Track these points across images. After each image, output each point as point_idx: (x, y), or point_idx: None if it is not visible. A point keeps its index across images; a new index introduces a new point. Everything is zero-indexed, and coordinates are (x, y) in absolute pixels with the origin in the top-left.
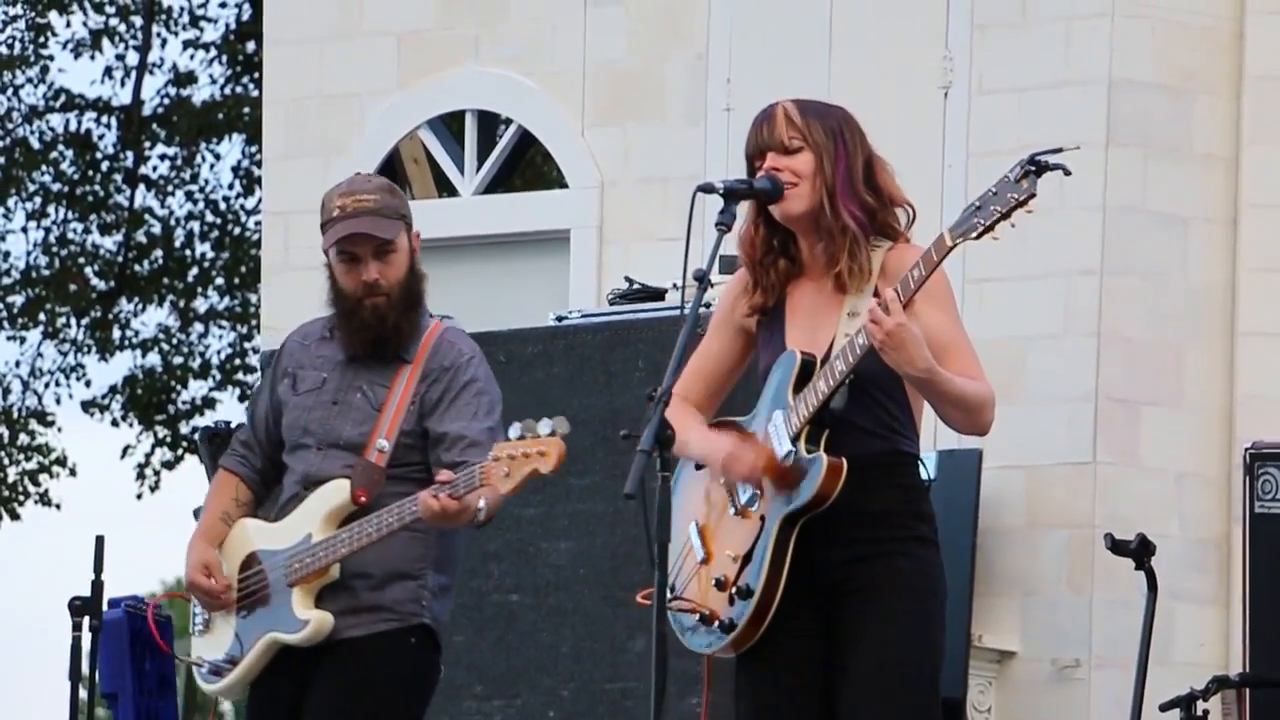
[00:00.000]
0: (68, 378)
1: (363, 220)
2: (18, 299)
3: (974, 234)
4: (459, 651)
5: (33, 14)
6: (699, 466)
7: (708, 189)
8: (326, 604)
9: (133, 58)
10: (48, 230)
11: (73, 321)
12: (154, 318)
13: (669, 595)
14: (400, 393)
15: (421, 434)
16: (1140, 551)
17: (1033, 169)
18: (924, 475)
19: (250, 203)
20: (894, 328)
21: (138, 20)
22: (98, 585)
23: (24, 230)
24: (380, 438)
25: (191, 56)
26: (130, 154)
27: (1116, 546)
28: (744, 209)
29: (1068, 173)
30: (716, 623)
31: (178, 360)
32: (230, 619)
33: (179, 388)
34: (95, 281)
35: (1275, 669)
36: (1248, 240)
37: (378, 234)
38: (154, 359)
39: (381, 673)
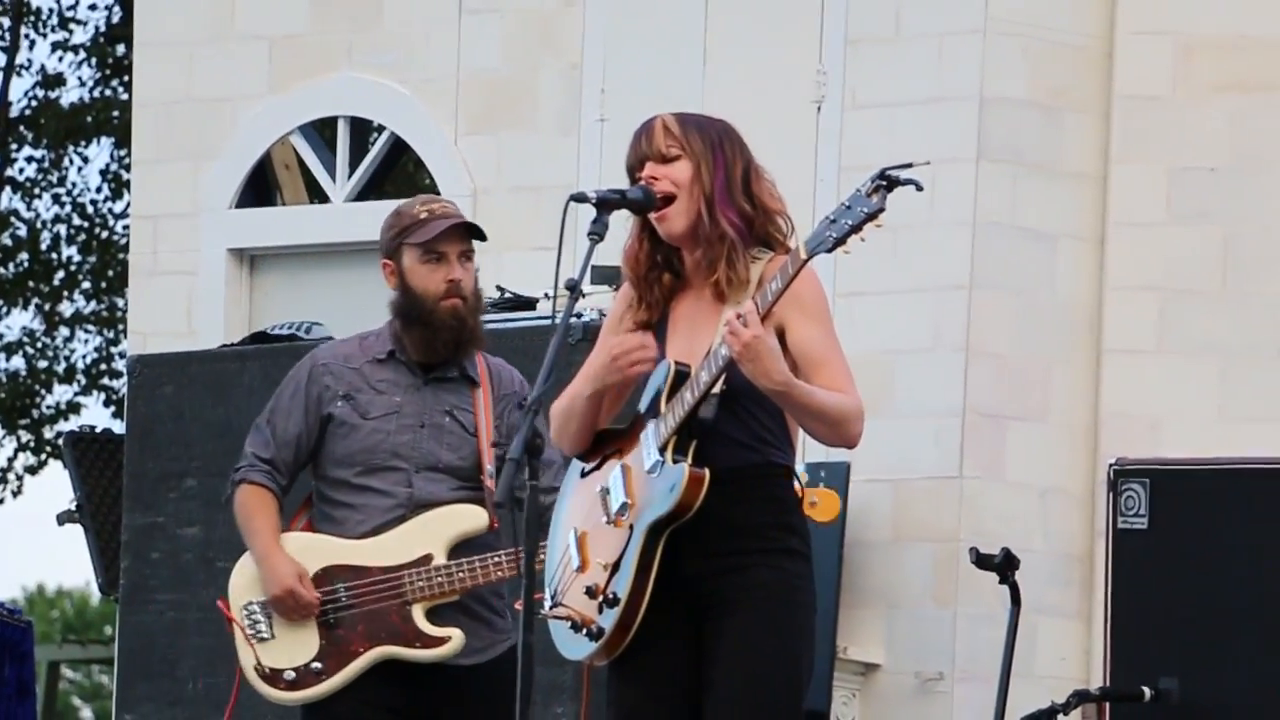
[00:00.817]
0: None
1: (456, 219)
2: None
3: (825, 248)
4: None
5: None
6: (584, 474)
7: (580, 199)
8: (446, 621)
9: (0, 59)
10: None
11: None
12: (19, 321)
13: (549, 603)
14: (484, 416)
15: (501, 458)
16: (1004, 565)
17: (884, 184)
18: (797, 487)
19: (118, 206)
20: (750, 339)
21: (5, 21)
22: None
23: None
24: (488, 463)
25: (60, 58)
26: None
27: (981, 560)
28: (617, 219)
29: (919, 188)
30: (586, 630)
31: (42, 364)
32: (308, 629)
33: (44, 392)
34: None
35: (1135, 683)
36: (1115, 258)
37: (478, 226)
38: (18, 362)
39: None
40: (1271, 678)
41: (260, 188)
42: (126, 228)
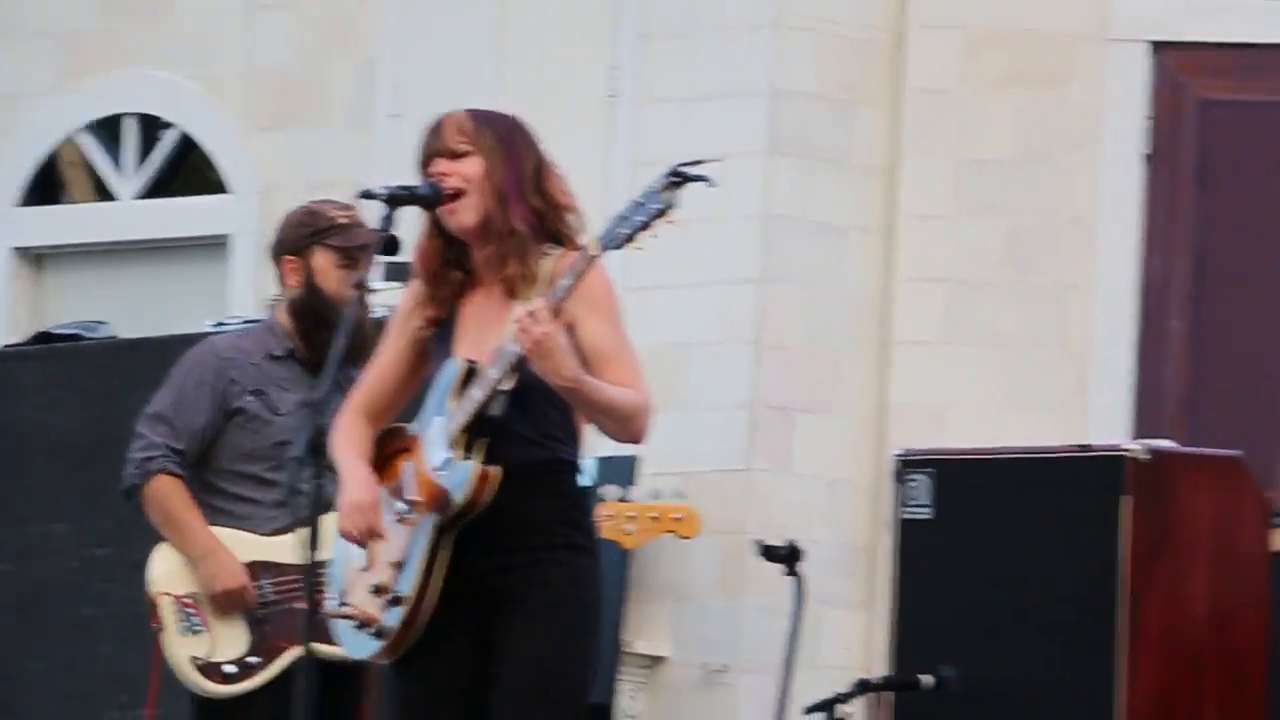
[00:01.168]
0: None
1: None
2: None
3: (616, 244)
4: (104, 662)
5: None
6: None
7: (369, 195)
8: None
9: None
10: None
11: None
12: None
13: (333, 601)
14: None
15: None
16: (790, 557)
17: (675, 180)
18: (584, 482)
19: None
20: (541, 336)
21: None
22: None
23: None
24: None
25: None
26: None
27: (767, 552)
28: (411, 216)
29: (711, 184)
30: (372, 629)
31: None
32: (237, 624)
33: None
34: None
35: (917, 672)
36: (904, 250)
37: (398, 240)
38: None
39: None
40: (1050, 664)
41: (47, 186)
42: None
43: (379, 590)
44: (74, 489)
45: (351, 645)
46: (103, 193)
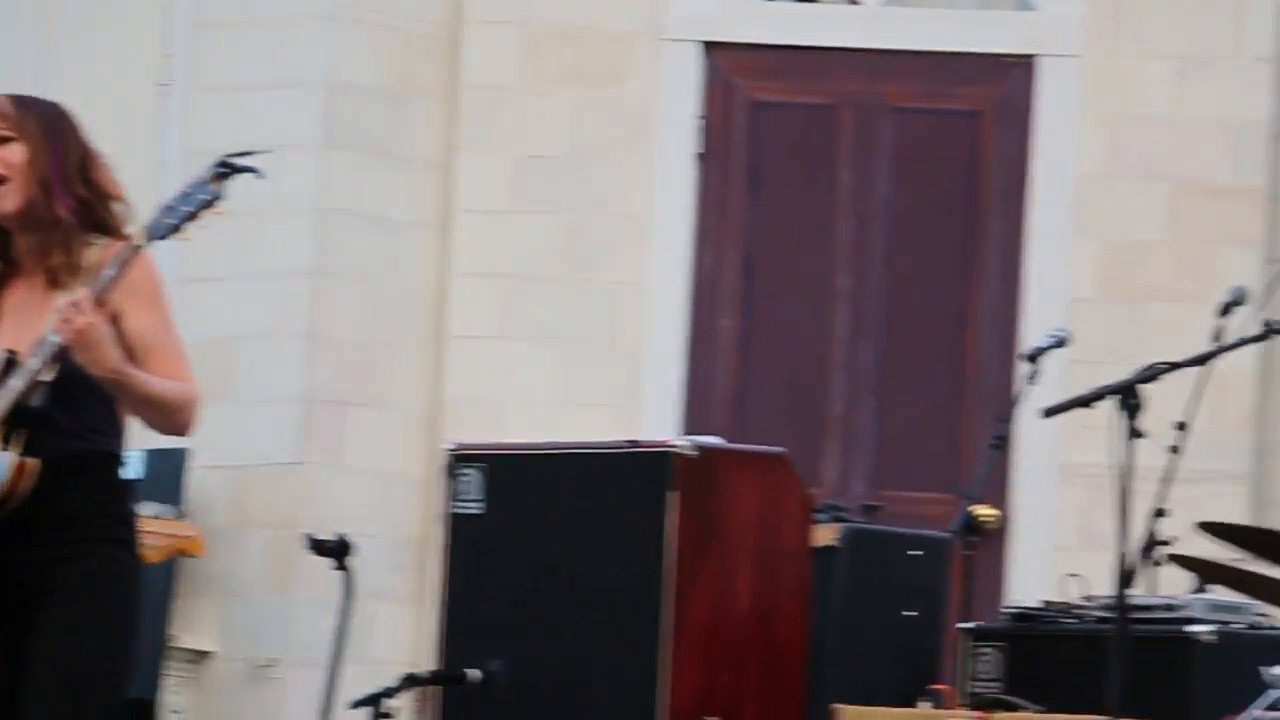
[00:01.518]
0: None
1: None
2: None
3: (162, 234)
4: None
5: None
6: None
7: None
8: None
9: None
10: None
11: None
12: None
13: None
14: None
15: None
16: (339, 551)
17: (224, 171)
18: (126, 475)
19: None
20: (83, 326)
21: None
22: None
23: None
24: None
25: None
26: None
27: (316, 546)
28: None
29: (261, 176)
30: None
31: None
32: None
33: None
34: None
35: (465, 666)
36: (459, 245)
37: None
38: None
39: None
40: (596, 659)
41: None
42: None
43: None
44: None
45: None
46: None
